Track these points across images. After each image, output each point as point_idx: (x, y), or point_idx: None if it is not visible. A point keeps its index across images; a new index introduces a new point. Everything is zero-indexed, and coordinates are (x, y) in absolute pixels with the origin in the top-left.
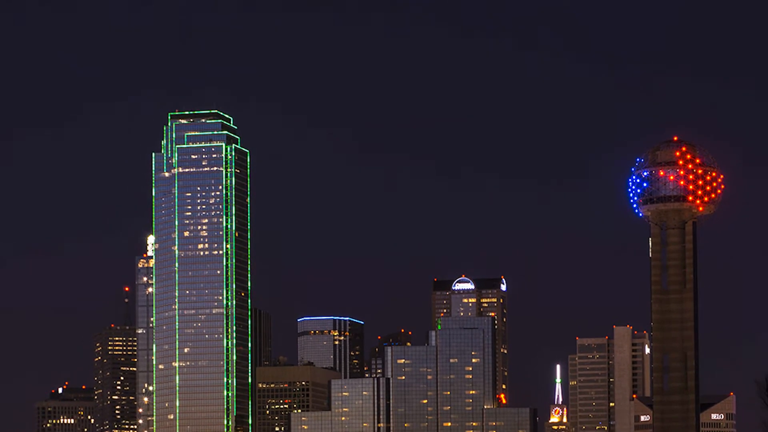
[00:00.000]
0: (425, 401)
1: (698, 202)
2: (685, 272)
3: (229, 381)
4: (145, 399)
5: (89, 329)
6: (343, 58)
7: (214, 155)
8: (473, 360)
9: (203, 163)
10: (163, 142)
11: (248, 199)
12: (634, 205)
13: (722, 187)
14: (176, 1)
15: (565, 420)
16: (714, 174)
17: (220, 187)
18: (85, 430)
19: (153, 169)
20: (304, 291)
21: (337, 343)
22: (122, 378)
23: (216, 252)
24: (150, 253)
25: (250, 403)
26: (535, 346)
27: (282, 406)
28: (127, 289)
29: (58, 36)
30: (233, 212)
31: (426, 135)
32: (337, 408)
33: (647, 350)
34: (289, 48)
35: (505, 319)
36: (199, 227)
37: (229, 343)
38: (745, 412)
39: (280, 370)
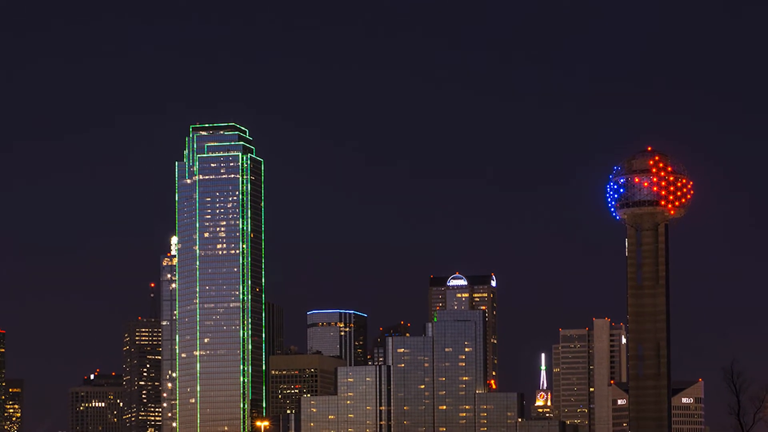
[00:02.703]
0: (422, 386)
1: (670, 206)
2: (658, 270)
3: (245, 368)
4: (169, 384)
5: (118, 321)
6: (349, 73)
7: (232, 164)
8: (466, 349)
9: (221, 171)
10: (185, 152)
11: (262, 203)
12: (612, 209)
13: (692, 192)
14: (196, 24)
15: (549, 403)
16: (684, 181)
17: (237, 193)
18: (115, 412)
19: (176, 176)
20: (313, 287)
21: (342, 333)
22: (148, 365)
23: (233, 251)
24: (173, 252)
25: (264, 388)
26: (522, 337)
27: (293, 391)
28: (152, 285)
29: (94, 57)
30: (249, 215)
31: (425, 146)
32: (342, 393)
33: (624, 340)
34: (300, 65)
35: (495, 312)
36: (218, 229)
37: (245, 334)
38: (713, 396)
39: (291, 359)
